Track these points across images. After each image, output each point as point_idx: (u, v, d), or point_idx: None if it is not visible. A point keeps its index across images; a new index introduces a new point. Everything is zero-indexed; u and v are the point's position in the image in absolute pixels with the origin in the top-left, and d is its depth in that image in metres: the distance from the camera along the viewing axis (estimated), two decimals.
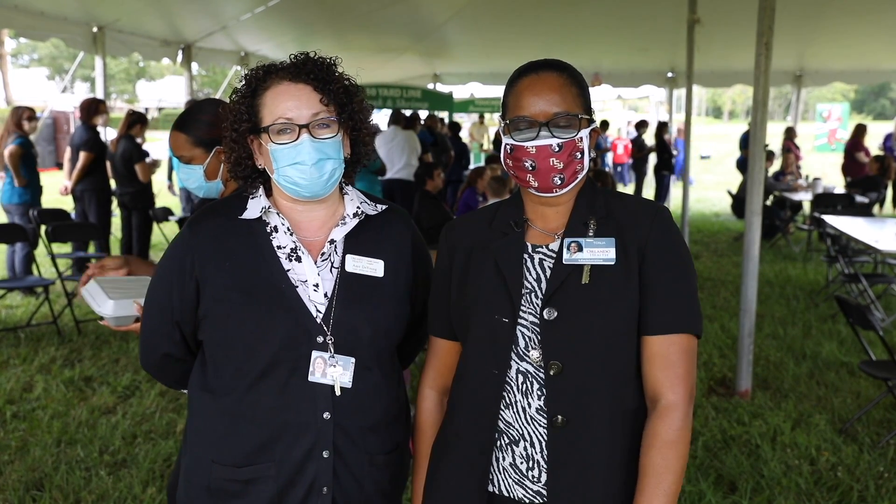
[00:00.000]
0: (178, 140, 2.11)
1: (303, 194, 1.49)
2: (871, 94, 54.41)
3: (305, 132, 1.44)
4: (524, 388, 1.41)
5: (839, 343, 5.57)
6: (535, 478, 1.41)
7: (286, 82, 1.47)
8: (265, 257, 1.49)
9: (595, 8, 9.76)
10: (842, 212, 8.31)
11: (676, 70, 13.10)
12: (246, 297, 1.47)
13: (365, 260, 1.54)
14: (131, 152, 6.67)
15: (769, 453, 3.76)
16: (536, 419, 1.40)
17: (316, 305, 1.49)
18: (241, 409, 1.48)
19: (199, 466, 1.52)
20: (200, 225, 1.52)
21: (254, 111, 1.48)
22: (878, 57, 11.91)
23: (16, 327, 5.72)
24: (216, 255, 1.49)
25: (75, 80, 33.21)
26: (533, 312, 1.41)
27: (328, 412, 1.47)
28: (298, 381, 1.46)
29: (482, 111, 18.72)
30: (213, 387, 1.52)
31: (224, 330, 1.48)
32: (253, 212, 1.52)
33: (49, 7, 7.23)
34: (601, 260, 1.39)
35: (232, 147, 1.52)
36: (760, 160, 4.60)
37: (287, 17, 9.65)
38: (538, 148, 1.40)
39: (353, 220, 1.54)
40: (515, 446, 1.42)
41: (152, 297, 1.57)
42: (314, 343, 1.47)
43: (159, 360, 1.60)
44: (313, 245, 1.53)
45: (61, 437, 3.88)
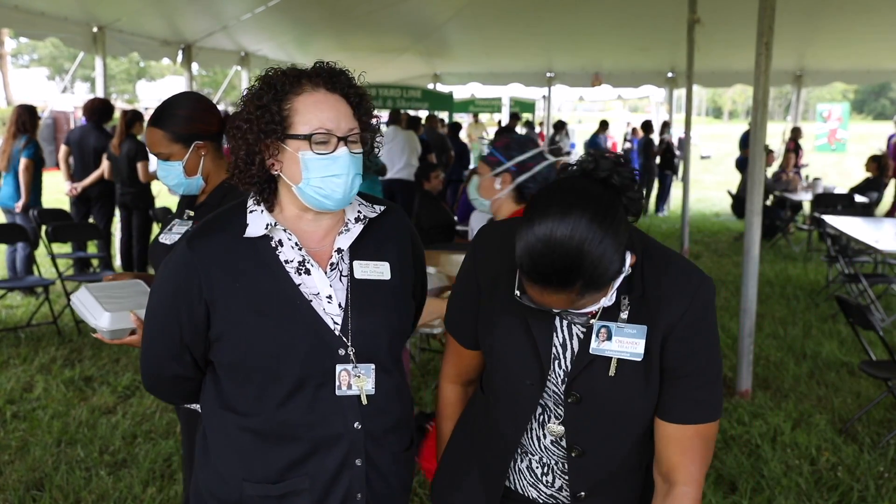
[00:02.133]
0: (154, 136, 2.05)
1: (328, 206, 1.45)
2: (871, 94, 54.41)
3: (343, 145, 1.42)
4: (541, 419, 1.43)
5: (839, 343, 5.57)
6: (549, 482, 1.44)
7: (323, 90, 1.43)
8: (274, 274, 1.45)
9: (595, 8, 9.76)
10: (842, 212, 8.31)
11: (676, 70, 13.10)
12: (262, 317, 1.42)
13: (372, 264, 1.53)
14: (136, 152, 6.66)
15: (769, 453, 3.76)
16: (552, 449, 1.43)
17: (332, 318, 1.46)
18: (270, 427, 1.45)
19: (226, 483, 1.49)
20: (201, 243, 1.45)
21: (283, 116, 1.41)
22: (878, 57, 11.90)
23: (16, 327, 5.72)
24: (223, 275, 1.43)
25: (75, 80, 33.22)
26: (554, 381, 1.39)
27: (358, 422, 1.48)
28: (326, 395, 1.46)
29: (482, 111, 18.72)
30: (234, 406, 1.48)
31: (242, 352, 1.43)
32: (256, 229, 1.46)
33: (49, 7, 7.22)
34: (628, 354, 1.32)
35: (246, 150, 1.44)
36: (760, 160, 4.60)
37: (287, 17, 9.65)
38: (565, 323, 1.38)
39: (357, 225, 1.52)
40: (531, 456, 1.46)
41: (156, 321, 1.51)
42: (336, 356, 1.46)
43: (169, 382, 1.56)
44: (319, 255, 1.50)
45: (61, 436, 3.88)
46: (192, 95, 2.11)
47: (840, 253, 6.71)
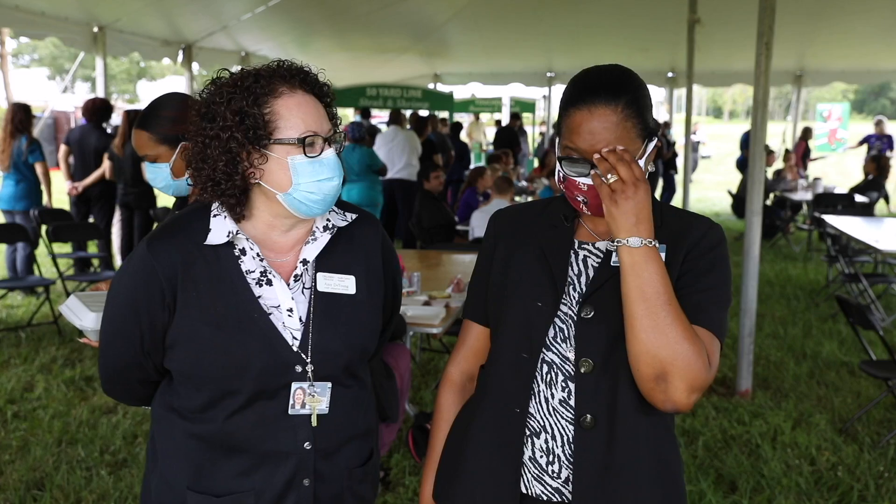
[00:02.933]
0: (141, 138, 2.04)
1: (314, 212, 1.38)
2: (871, 94, 54.42)
3: (328, 146, 1.37)
4: (548, 378, 1.40)
5: (839, 343, 5.57)
6: (554, 473, 1.39)
7: (301, 92, 1.37)
8: (233, 284, 1.38)
9: (595, 8, 9.77)
10: (842, 212, 8.31)
11: (676, 70, 13.10)
12: (216, 329, 1.36)
13: (336, 277, 1.45)
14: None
15: (769, 453, 3.76)
16: (559, 411, 1.39)
17: (292, 332, 1.40)
18: (217, 438, 1.40)
19: (171, 491, 1.44)
20: (162, 247, 1.38)
21: (264, 121, 1.33)
22: (878, 57, 11.90)
23: (17, 327, 5.72)
24: (183, 281, 1.37)
25: (76, 80, 33.22)
26: (569, 305, 1.41)
27: (308, 441, 1.42)
28: (278, 412, 1.40)
29: (482, 111, 18.72)
30: (183, 411, 1.43)
31: (194, 364, 1.38)
32: (218, 236, 1.39)
33: (49, 7, 7.23)
34: None
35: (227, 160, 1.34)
36: (760, 160, 4.61)
37: (287, 17, 9.66)
38: (589, 186, 1.37)
39: (325, 234, 1.45)
40: (536, 438, 1.41)
41: (113, 325, 1.44)
42: (293, 374, 1.40)
43: (133, 385, 1.51)
44: (283, 266, 1.43)
45: (62, 436, 3.88)
46: (177, 96, 2.10)
47: (840, 253, 6.71)
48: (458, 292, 4.09)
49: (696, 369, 1.27)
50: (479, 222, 6.46)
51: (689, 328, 1.28)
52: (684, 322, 1.28)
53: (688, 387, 1.27)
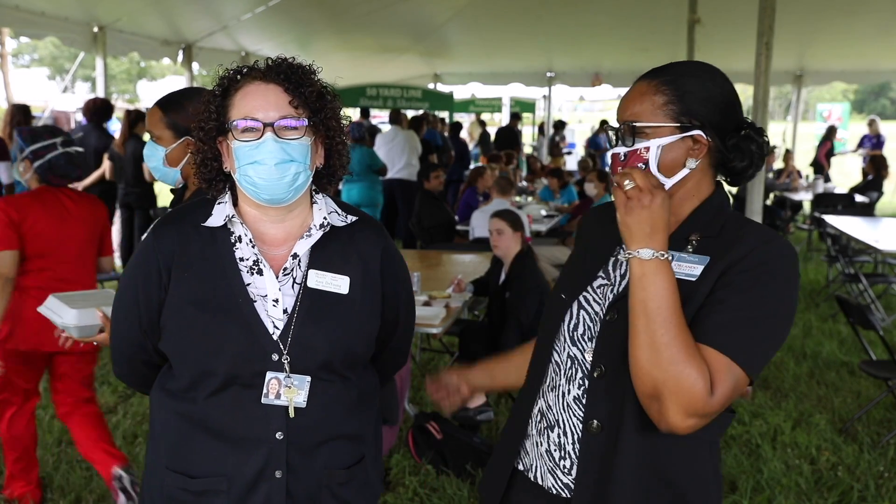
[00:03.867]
0: (154, 115, 2.09)
1: (262, 197, 1.41)
2: (871, 94, 54.40)
3: (270, 131, 1.39)
4: (570, 373, 1.41)
5: (839, 343, 5.57)
6: (566, 469, 1.40)
7: (257, 82, 1.42)
8: (226, 269, 1.44)
9: (595, 8, 9.77)
10: (842, 212, 8.31)
11: None
12: (200, 310, 1.41)
13: (329, 276, 1.47)
14: (141, 151, 6.66)
15: (769, 453, 3.76)
16: (572, 408, 1.40)
17: (274, 321, 1.43)
18: (196, 418, 1.45)
19: (155, 470, 1.51)
20: (164, 230, 1.47)
21: (223, 111, 1.43)
22: (878, 57, 11.90)
23: None
24: (178, 263, 1.44)
25: (76, 80, 33.22)
26: (601, 305, 1.40)
27: (281, 432, 1.43)
28: (252, 399, 1.42)
29: (482, 111, 18.71)
30: (171, 390, 1.49)
31: (179, 342, 1.44)
32: (217, 219, 1.46)
33: (49, 7, 7.23)
34: (683, 274, 1.30)
35: (199, 147, 1.47)
36: None
37: (288, 17, 9.65)
38: (613, 156, 1.38)
39: (318, 232, 1.48)
40: (551, 431, 1.43)
41: (120, 307, 1.52)
42: (269, 362, 1.42)
43: (137, 366, 1.56)
44: (276, 259, 1.47)
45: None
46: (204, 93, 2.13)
47: (840, 253, 6.71)
48: (459, 292, 4.10)
49: (690, 395, 1.20)
50: (479, 222, 6.46)
51: (691, 350, 1.22)
52: (685, 343, 1.22)
53: (681, 411, 1.21)
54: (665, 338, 1.22)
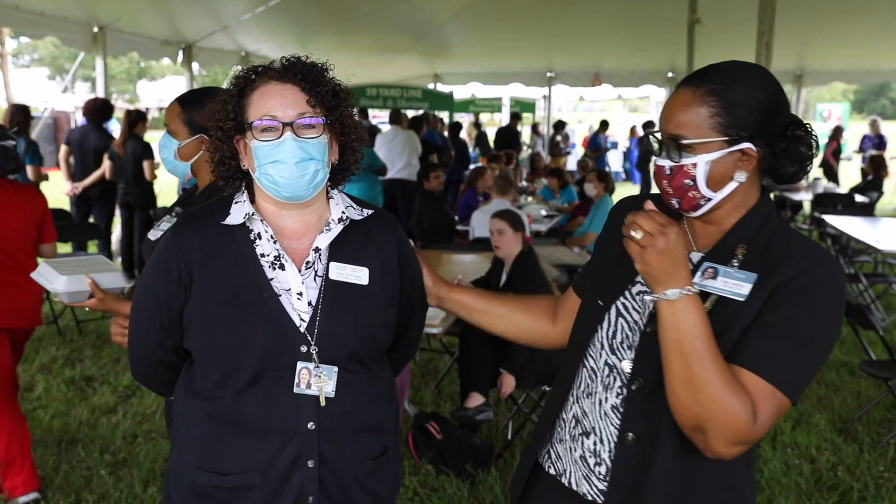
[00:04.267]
0: (173, 110, 2.13)
1: (283, 194, 1.45)
2: (872, 94, 54.40)
3: (289, 130, 1.42)
4: (608, 381, 1.39)
5: (839, 343, 5.57)
6: (601, 475, 1.39)
7: (274, 82, 1.45)
8: (248, 265, 1.47)
9: (595, 8, 9.77)
10: (842, 212, 8.31)
11: (676, 70, 13.08)
12: (227, 307, 1.44)
13: (349, 268, 1.51)
14: (142, 151, 6.66)
15: (769, 453, 3.76)
16: (609, 416, 1.38)
17: (300, 314, 1.47)
18: (226, 416, 1.47)
19: (184, 469, 1.52)
20: (184, 230, 1.49)
21: (240, 110, 1.46)
22: (878, 57, 11.91)
23: None
24: (200, 262, 1.46)
25: (76, 80, 33.22)
26: (642, 314, 1.36)
27: (313, 422, 1.46)
28: (282, 391, 1.45)
29: (482, 111, 18.71)
30: (198, 390, 1.51)
31: (207, 340, 1.46)
32: (236, 217, 1.49)
33: (49, 7, 7.23)
34: (731, 293, 1.27)
35: (217, 146, 1.50)
36: None
37: (287, 17, 9.65)
38: (657, 166, 1.34)
39: (338, 225, 1.51)
40: (586, 438, 1.41)
41: (140, 307, 1.54)
42: (298, 353, 1.45)
43: (155, 367, 1.58)
44: (297, 252, 1.51)
45: (62, 436, 3.88)
46: None
47: (840, 253, 6.71)
48: None
49: (735, 426, 1.20)
50: (479, 222, 6.46)
51: (731, 382, 1.20)
52: (724, 376, 1.20)
53: (726, 441, 1.21)
54: (704, 374, 1.20)
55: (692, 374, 1.20)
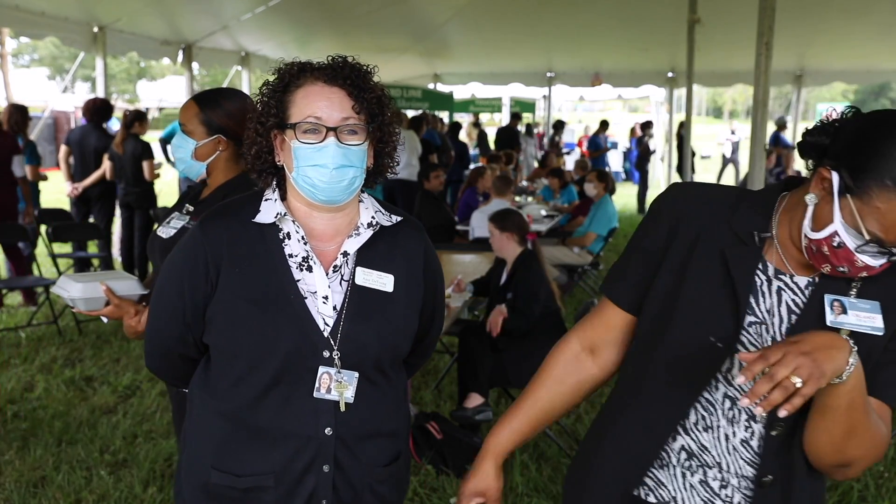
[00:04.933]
0: (190, 110, 2.13)
1: (319, 198, 1.45)
2: (871, 94, 54.42)
3: (332, 135, 1.41)
4: (730, 414, 1.30)
5: None
6: (727, 497, 1.32)
7: (321, 83, 1.44)
8: (276, 265, 1.46)
9: (595, 8, 9.77)
10: None
11: (676, 70, 13.10)
12: (253, 306, 1.43)
13: (375, 274, 1.50)
14: (141, 151, 6.67)
15: None
16: (739, 451, 1.31)
17: (324, 318, 1.46)
18: (242, 416, 1.46)
19: (198, 468, 1.51)
20: (212, 225, 1.48)
21: (283, 107, 1.45)
22: (878, 57, 11.91)
23: (17, 327, 5.72)
24: (227, 258, 1.45)
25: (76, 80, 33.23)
26: (756, 345, 1.26)
27: (330, 427, 1.46)
28: (302, 395, 1.45)
29: (482, 111, 18.72)
30: (215, 389, 1.49)
31: (229, 338, 1.45)
32: (267, 216, 1.48)
33: (49, 7, 7.23)
34: (867, 328, 1.20)
35: (255, 140, 1.49)
36: (760, 160, 4.61)
37: (288, 17, 9.65)
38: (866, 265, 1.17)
39: (368, 231, 1.51)
40: (707, 469, 1.33)
41: (162, 299, 1.53)
42: (320, 357, 1.44)
43: (174, 360, 1.57)
44: (325, 255, 1.50)
45: (62, 436, 3.88)
46: (243, 96, 2.19)
47: None
48: (459, 292, 4.10)
49: (881, 454, 1.21)
50: (479, 222, 6.46)
51: (877, 418, 1.20)
52: (878, 421, 1.19)
53: (869, 467, 1.24)
54: (865, 422, 1.18)
55: (854, 422, 1.17)
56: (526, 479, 3.49)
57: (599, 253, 6.97)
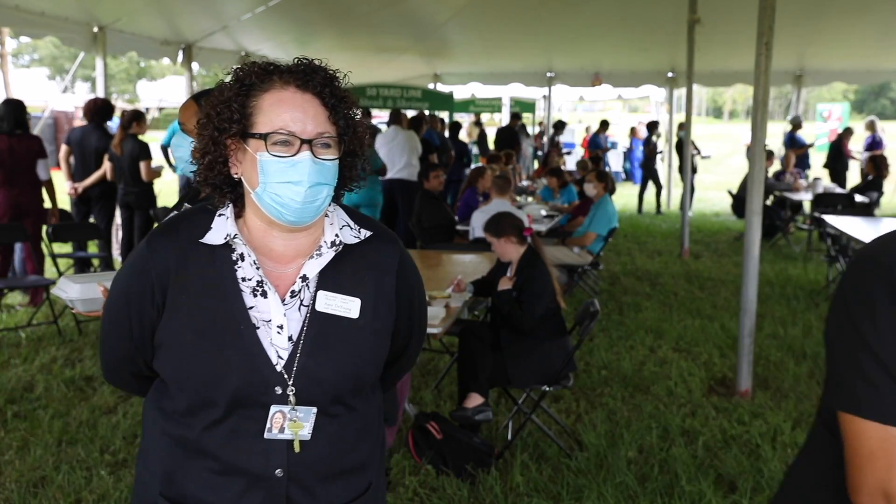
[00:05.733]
0: (189, 109, 2.15)
1: (287, 218, 1.29)
2: (871, 94, 54.42)
3: (307, 149, 1.26)
4: None
5: None
6: None
7: (292, 88, 1.29)
8: (226, 291, 1.31)
9: (595, 8, 9.77)
10: (842, 212, 8.31)
11: (676, 70, 13.10)
12: (199, 338, 1.29)
13: (339, 298, 1.34)
14: (139, 151, 6.67)
15: (769, 453, 3.76)
16: None
17: (278, 351, 1.31)
18: (191, 445, 1.34)
19: (148, 491, 1.40)
20: (160, 243, 1.34)
21: (246, 113, 1.28)
22: (878, 57, 11.91)
23: (17, 327, 5.73)
24: (174, 282, 1.31)
25: (76, 80, 33.21)
26: None
27: (281, 469, 1.32)
28: (253, 433, 1.31)
29: (482, 111, 18.72)
30: (165, 411, 1.37)
31: (175, 369, 1.32)
32: (217, 236, 1.32)
33: (49, 7, 7.23)
34: None
35: (208, 148, 1.32)
36: (760, 160, 4.60)
37: (288, 17, 9.65)
38: None
39: (329, 251, 1.35)
40: None
41: (110, 317, 1.40)
42: (272, 395, 1.30)
43: (126, 377, 1.46)
44: (285, 278, 1.34)
45: (62, 436, 3.88)
46: None
47: (840, 253, 6.71)
48: (459, 292, 4.10)
49: None
50: (479, 222, 6.45)
51: None
52: None
53: None
54: None
55: None
56: (526, 479, 3.49)
57: (599, 253, 6.98)
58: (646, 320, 6.17)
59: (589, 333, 3.84)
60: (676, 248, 9.60)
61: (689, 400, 4.49)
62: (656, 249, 9.73)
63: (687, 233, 9.42)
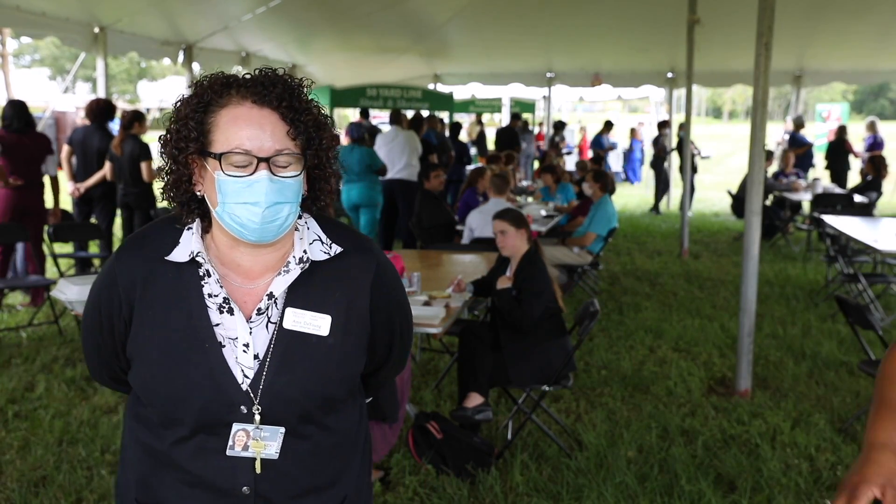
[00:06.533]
0: None
1: (248, 238, 1.27)
2: (871, 94, 54.42)
3: (265, 167, 1.23)
4: None
5: (839, 343, 5.58)
6: None
7: (248, 103, 1.25)
8: (191, 309, 1.30)
9: (595, 8, 9.78)
10: (841, 212, 8.32)
11: (676, 70, 13.10)
12: (164, 356, 1.29)
13: (308, 315, 1.32)
14: (139, 152, 6.68)
15: (768, 452, 3.77)
16: None
17: (243, 369, 1.29)
18: (164, 458, 1.35)
19: (126, 496, 1.42)
20: (129, 257, 1.33)
21: (203, 130, 1.25)
22: (878, 57, 11.91)
23: (18, 327, 5.73)
24: (141, 297, 1.31)
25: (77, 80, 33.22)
26: None
27: (248, 486, 1.32)
28: (217, 450, 1.31)
29: (483, 111, 18.73)
30: (142, 418, 1.38)
31: (143, 385, 1.33)
32: (182, 253, 1.31)
33: (50, 7, 7.24)
34: None
35: (171, 166, 1.29)
36: (760, 160, 4.61)
37: (288, 17, 9.66)
38: None
39: (297, 268, 1.32)
40: None
41: (86, 324, 1.40)
42: (237, 413, 1.29)
43: (107, 381, 1.47)
44: (251, 294, 1.33)
45: (63, 436, 3.89)
46: None
47: (839, 253, 6.72)
48: (459, 292, 4.10)
49: None
50: (476, 223, 6.46)
51: None
52: None
53: None
54: None
55: None
56: (526, 478, 3.49)
57: (599, 253, 6.98)
58: (645, 320, 6.18)
59: (589, 333, 3.85)
60: (676, 248, 9.61)
61: (688, 400, 4.50)
62: (656, 249, 9.74)
63: (686, 233, 9.43)
